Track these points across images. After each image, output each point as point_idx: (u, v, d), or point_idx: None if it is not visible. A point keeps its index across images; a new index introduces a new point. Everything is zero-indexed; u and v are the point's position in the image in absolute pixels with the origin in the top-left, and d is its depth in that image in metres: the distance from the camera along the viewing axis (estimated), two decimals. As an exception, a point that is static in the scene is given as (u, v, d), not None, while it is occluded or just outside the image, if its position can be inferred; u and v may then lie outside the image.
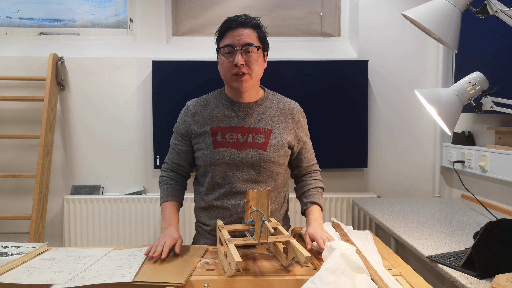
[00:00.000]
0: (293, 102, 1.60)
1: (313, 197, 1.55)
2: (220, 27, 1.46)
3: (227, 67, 1.43)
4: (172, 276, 1.11)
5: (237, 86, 1.44)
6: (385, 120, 2.79)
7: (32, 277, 1.12)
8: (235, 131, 1.47)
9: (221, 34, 1.45)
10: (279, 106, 1.54)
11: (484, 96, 1.45)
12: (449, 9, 1.30)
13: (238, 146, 1.45)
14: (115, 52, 2.78)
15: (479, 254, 1.26)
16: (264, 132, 1.47)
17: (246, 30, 1.42)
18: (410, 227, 1.84)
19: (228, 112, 1.49)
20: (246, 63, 1.41)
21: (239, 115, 1.49)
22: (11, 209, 2.72)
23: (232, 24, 1.42)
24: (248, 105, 1.50)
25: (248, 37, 1.42)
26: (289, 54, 2.78)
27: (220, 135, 1.46)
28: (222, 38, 1.45)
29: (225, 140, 1.46)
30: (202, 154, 1.48)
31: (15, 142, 2.71)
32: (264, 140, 1.46)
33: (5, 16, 2.87)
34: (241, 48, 1.41)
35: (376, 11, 2.74)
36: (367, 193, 2.77)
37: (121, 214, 2.64)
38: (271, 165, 1.47)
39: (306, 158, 1.60)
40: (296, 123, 1.55)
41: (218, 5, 2.89)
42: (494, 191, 2.26)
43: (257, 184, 1.46)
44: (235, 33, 1.41)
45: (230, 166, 1.45)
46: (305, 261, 1.09)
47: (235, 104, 1.50)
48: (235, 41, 1.41)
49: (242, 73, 1.41)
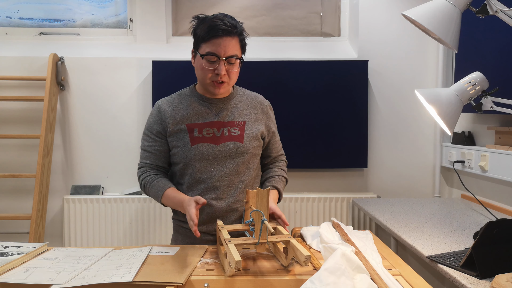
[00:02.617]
0: (260, 95, 1.64)
1: (276, 182, 1.59)
2: (206, 31, 1.40)
3: (207, 73, 1.43)
4: (172, 276, 1.11)
5: (213, 90, 1.47)
6: (385, 120, 2.79)
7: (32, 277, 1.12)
8: (211, 126, 1.50)
9: (206, 38, 1.41)
10: (248, 99, 1.59)
11: (484, 96, 1.45)
12: (449, 9, 1.30)
13: (215, 140, 1.48)
14: (115, 52, 2.78)
15: (479, 254, 1.26)
16: (238, 125, 1.52)
17: (232, 40, 1.42)
18: (410, 227, 1.84)
19: (202, 108, 1.52)
20: (227, 73, 1.43)
21: (213, 111, 1.52)
22: (11, 209, 2.72)
23: (219, 33, 1.39)
24: (220, 100, 1.54)
25: (233, 48, 1.42)
26: (289, 54, 2.78)
27: (197, 131, 1.49)
28: (206, 43, 1.41)
29: (202, 136, 1.48)
30: (180, 151, 1.49)
31: (15, 142, 2.71)
32: (239, 132, 1.51)
33: (5, 16, 2.87)
34: (226, 59, 1.41)
35: (376, 11, 2.74)
36: (367, 193, 2.77)
37: (121, 214, 2.64)
38: (248, 155, 1.51)
39: (275, 148, 1.65)
40: (265, 115, 1.60)
41: (218, 5, 2.89)
42: (494, 191, 2.26)
43: (237, 177, 1.50)
44: (222, 42, 1.40)
45: (209, 161, 1.48)
46: (305, 260, 1.09)
47: (208, 100, 1.53)
48: (221, 51, 1.40)
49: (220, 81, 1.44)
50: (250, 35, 1.55)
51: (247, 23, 1.53)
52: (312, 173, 2.79)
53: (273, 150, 1.64)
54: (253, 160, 1.54)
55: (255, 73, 2.68)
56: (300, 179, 2.79)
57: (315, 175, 2.79)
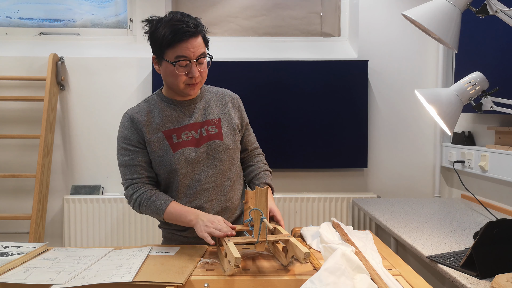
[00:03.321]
0: (227, 90, 1.62)
1: (265, 179, 1.59)
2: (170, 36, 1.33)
3: (181, 78, 1.38)
4: (172, 276, 1.11)
5: (188, 92, 1.42)
6: (385, 120, 2.79)
7: (32, 277, 1.12)
8: (188, 129, 1.46)
9: (170, 44, 1.35)
10: (218, 96, 1.57)
11: (484, 96, 1.45)
12: (449, 9, 1.30)
13: (196, 143, 1.45)
14: (115, 52, 2.78)
15: (479, 254, 1.26)
16: (215, 123, 1.50)
17: (197, 40, 1.37)
18: (410, 227, 1.84)
19: (175, 113, 1.47)
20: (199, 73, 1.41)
21: (186, 114, 1.48)
22: (11, 209, 2.72)
23: (185, 36, 1.34)
24: (191, 102, 1.49)
25: (200, 46, 1.38)
26: (289, 54, 2.78)
27: (175, 137, 1.44)
28: (172, 48, 1.35)
29: (182, 140, 1.44)
30: (162, 160, 1.43)
31: (15, 142, 2.71)
32: (217, 130, 1.49)
33: (5, 16, 2.87)
34: (196, 60, 1.38)
35: (376, 11, 2.74)
36: (367, 193, 2.77)
37: (121, 214, 2.64)
38: (231, 151, 1.50)
39: (250, 141, 1.64)
40: (237, 108, 1.58)
41: (218, 5, 2.89)
42: (494, 191, 2.26)
43: (224, 175, 1.49)
44: (189, 45, 1.35)
45: (194, 164, 1.44)
46: (304, 258, 1.09)
47: (179, 103, 1.48)
48: (190, 54, 1.35)
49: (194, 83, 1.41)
50: (250, 35, 1.53)
51: (247, 23, 1.53)
52: (312, 173, 2.79)
53: (248, 143, 1.63)
54: (236, 155, 1.54)
55: (255, 73, 2.68)
56: (300, 179, 2.79)
57: (315, 175, 2.79)
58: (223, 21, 2.90)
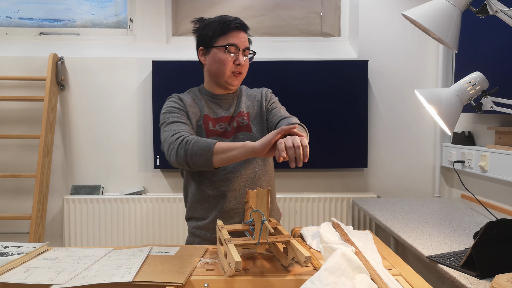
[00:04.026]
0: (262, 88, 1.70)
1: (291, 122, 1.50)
2: (222, 26, 1.49)
3: (228, 65, 1.50)
4: (172, 276, 1.11)
5: (231, 82, 1.53)
6: (385, 120, 2.79)
7: (32, 277, 1.12)
8: (222, 120, 1.55)
9: (224, 31, 1.49)
10: (253, 93, 1.67)
11: (484, 96, 1.45)
12: (449, 9, 1.30)
13: (227, 134, 1.53)
14: (115, 52, 2.78)
15: (479, 254, 1.26)
16: (244, 115, 1.58)
17: (245, 34, 1.54)
18: (410, 227, 1.84)
19: (212, 105, 1.58)
20: None
21: (223, 107, 1.58)
22: (11, 209, 2.72)
23: (236, 25, 1.50)
24: (228, 96, 1.60)
25: (246, 41, 1.54)
26: (289, 54, 2.78)
27: (211, 124, 1.54)
28: (223, 36, 1.49)
29: (216, 129, 1.53)
30: None
31: (15, 142, 2.71)
32: (247, 122, 1.56)
33: (5, 16, 2.87)
34: (243, 51, 1.52)
35: (376, 11, 2.74)
36: (367, 193, 2.77)
37: (121, 214, 2.64)
38: None
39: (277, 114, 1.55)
40: (264, 96, 1.63)
41: (218, 5, 2.89)
42: (494, 191, 2.26)
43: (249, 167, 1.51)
44: (239, 35, 1.51)
45: None
46: (305, 261, 1.09)
47: (218, 97, 1.59)
48: (240, 42, 1.50)
49: (239, 72, 1.52)
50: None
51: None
52: (312, 173, 2.79)
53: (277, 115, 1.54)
54: None
55: (255, 73, 2.67)
56: (300, 179, 2.79)
57: (315, 175, 2.79)
58: (223, 21, 2.90)
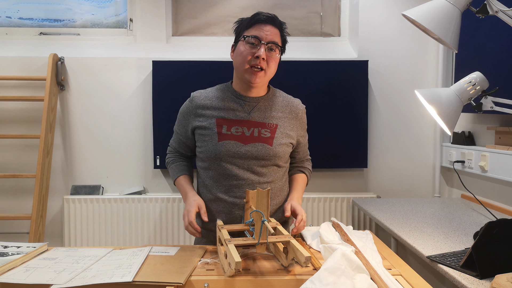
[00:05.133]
0: (296, 99, 1.63)
1: (303, 168, 1.67)
2: (250, 17, 1.46)
3: (247, 57, 1.42)
4: (172, 276, 1.11)
5: (249, 78, 1.44)
6: (385, 120, 2.79)
7: (32, 277, 1.12)
8: (241, 124, 1.47)
9: (249, 24, 1.45)
10: (284, 102, 1.57)
11: (484, 96, 1.45)
12: (449, 9, 1.30)
13: (244, 140, 1.46)
14: (115, 52, 2.78)
15: (479, 254, 1.26)
16: (270, 127, 1.49)
17: (274, 29, 1.45)
18: (410, 227, 1.84)
19: (234, 105, 1.50)
20: (266, 59, 1.42)
21: (245, 109, 1.50)
22: (11, 209, 2.72)
23: (262, 17, 1.44)
24: (254, 99, 1.51)
25: (274, 35, 1.44)
26: (289, 54, 2.73)
27: (225, 128, 1.47)
28: (249, 28, 1.45)
29: (230, 133, 1.46)
30: (207, 145, 1.47)
31: (15, 142, 2.71)
32: (270, 135, 1.48)
33: (5, 16, 2.87)
34: (267, 44, 1.42)
35: (376, 11, 2.74)
36: (367, 193, 2.77)
37: (121, 214, 2.64)
38: (276, 159, 1.49)
39: (303, 151, 1.66)
40: (299, 120, 1.58)
41: (218, 5, 2.89)
42: (494, 191, 2.26)
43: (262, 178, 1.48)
44: (265, 27, 1.43)
45: (235, 159, 1.46)
46: (305, 261, 1.09)
47: (242, 97, 1.51)
48: (263, 35, 1.42)
49: (260, 67, 1.42)
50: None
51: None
52: (312, 173, 2.79)
53: (300, 152, 1.65)
54: (281, 163, 1.52)
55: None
56: (300, 179, 2.79)
57: (315, 175, 2.79)
58: (223, 21, 2.90)
